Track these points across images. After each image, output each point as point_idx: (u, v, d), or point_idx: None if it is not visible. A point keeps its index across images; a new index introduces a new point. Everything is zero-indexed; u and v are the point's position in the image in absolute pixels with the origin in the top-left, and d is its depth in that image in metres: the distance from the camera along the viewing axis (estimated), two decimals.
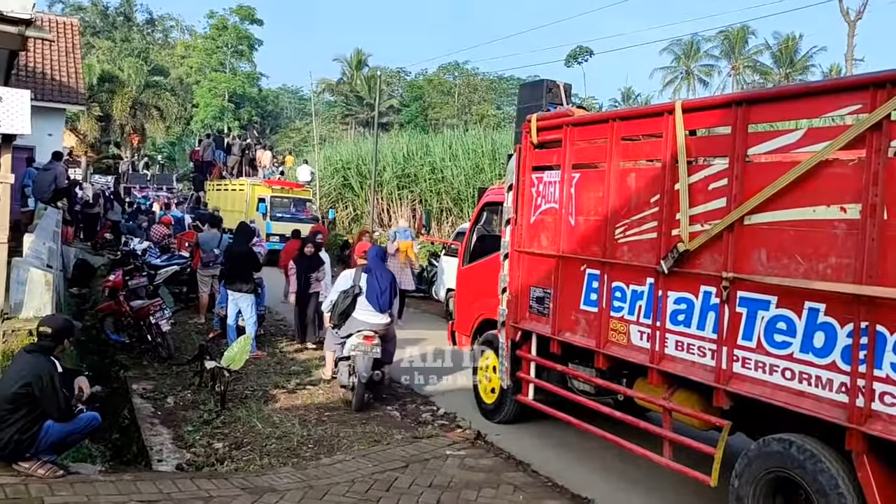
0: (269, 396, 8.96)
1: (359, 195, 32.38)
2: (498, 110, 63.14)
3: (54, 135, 21.84)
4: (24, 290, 8.47)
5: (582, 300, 6.84)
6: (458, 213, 28.37)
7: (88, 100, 33.07)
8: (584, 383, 7.28)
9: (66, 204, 17.94)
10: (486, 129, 36.09)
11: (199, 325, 12.95)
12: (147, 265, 13.51)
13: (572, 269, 6.98)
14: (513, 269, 7.81)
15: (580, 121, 7.11)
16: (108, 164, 48.84)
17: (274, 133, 69.32)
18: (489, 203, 9.62)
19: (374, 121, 33.82)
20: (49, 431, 5.57)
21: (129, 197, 35.30)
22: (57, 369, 5.66)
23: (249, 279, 10.87)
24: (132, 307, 10.90)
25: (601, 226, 6.61)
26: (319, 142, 39.79)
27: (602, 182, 6.63)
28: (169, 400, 8.69)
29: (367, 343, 8.61)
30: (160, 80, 52.83)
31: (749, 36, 53.65)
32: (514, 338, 7.79)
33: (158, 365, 10.24)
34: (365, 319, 8.78)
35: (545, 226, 7.42)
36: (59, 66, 22.94)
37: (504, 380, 7.94)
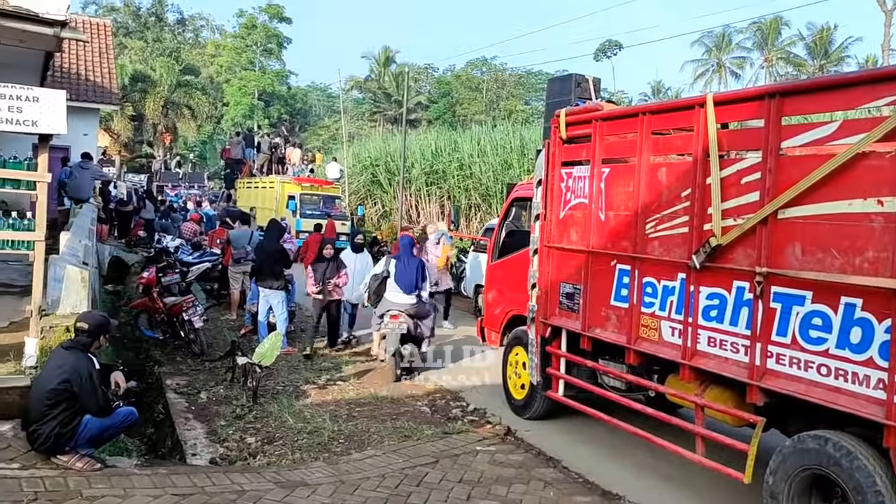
0: (300, 392, 9.04)
1: (387, 192, 32.49)
2: (526, 105, 62.98)
3: (89, 134, 22.19)
4: (60, 287, 8.62)
5: (612, 296, 6.80)
6: (487, 209, 28.34)
7: (121, 99, 33.58)
8: (615, 379, 7.24)
9: (101, 202, 18.26)
10: (514, 125, 35.95)
11: (230, 321, 13.09)
12: (179, 262, 13.68)
13: (602, 264, 6.94)
14: (542, 264, 7.79)
15: (610, 115, 7.06)
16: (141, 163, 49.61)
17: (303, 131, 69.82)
18: (518, 199, 9.61)
19: (402, 117, 33.89)
20: (88, 426, 5.68)
21: (162, 195, 35.77)
22: (94, 365, 5.76)
23: (280, 276, 10.98)
24: (165, 304, 11.05)
25: (631, 221, 6.56)
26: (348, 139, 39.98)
27: (632, 177, 6.58)
28: (202, 395, 8.80)
29: (394, 321, 9.84)
30: (191, 80, 53.50)
31: (782, 27, 52.89)
32: (544, 334, 7.76)
33: (191, 361, 10.38)
34: (393, 300, 10.02)
35: (575, 221, 7.38)
36: (92, 66, 23.30)
37: (534, 376, 7.93)
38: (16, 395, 6.13)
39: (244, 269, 13.33)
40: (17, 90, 6.88)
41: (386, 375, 9.77)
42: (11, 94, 6.84)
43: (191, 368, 10.03)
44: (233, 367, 9.32)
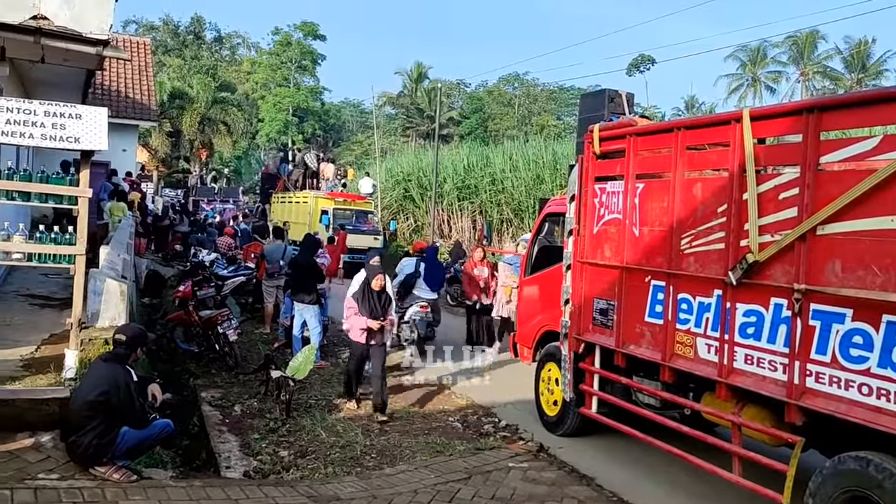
0: (333, 406, 9.07)
1: (419, 206, 32.60)
2: (558, 121, 62.85)
3: (128, 150, 22.69)
4: (100, 300, 8.76)
5: (647, 312, 6.73)
6: (519, 224, 28.30)
7: (160, 116, 34.25)
8: (650, 396, 7.16)
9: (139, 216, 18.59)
10: (546, 140, 35.99)
11: (264, 334, 13.19)
12: (215, 276, 13.84)
13: (637, 280, 6.89)
14: (575, 280, 7.75)
15: (644, 130, 7.03)
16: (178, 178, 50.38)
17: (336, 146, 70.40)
18: (551, 214, 9.58)
19: (434, 133, 34.05)
20: (125, 437, 5.74)
21: (198, 210, 36.27)
22: (132, 378, 5.84)
23: (313, 290, 11.04)
24: (201, 317, 11.16)
25: (666, 236, 6.51)
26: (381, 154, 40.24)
27: (667, 192, 6.53)
28: (236, 408, 8.87)
29: (423, 311, 12.24)
30: (227, 96, 54.29)
31: (818, 41, 52.17)
32: (577, 350, 7.71)
33: (226, 374, 10.47)
34: (421, 295, 12.55)
35: (608, 236, 7.34)
36: (132, 84, 23.81)
37: (567, 392, 7.87)
38: (55, 407, 6.23)
39: (278, 283, 13.45)
40: (61, 108, 7.05)
41: (417, 391, 9.78)
42: (55, 111, 7.00)
43: (225, 381, 10.12)
44: (266, 381, 9.38)
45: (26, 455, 5.82)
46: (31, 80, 12.01)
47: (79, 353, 7.38)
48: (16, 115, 6.87)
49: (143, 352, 6.34)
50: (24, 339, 8.53)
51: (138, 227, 18.30)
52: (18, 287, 11.75)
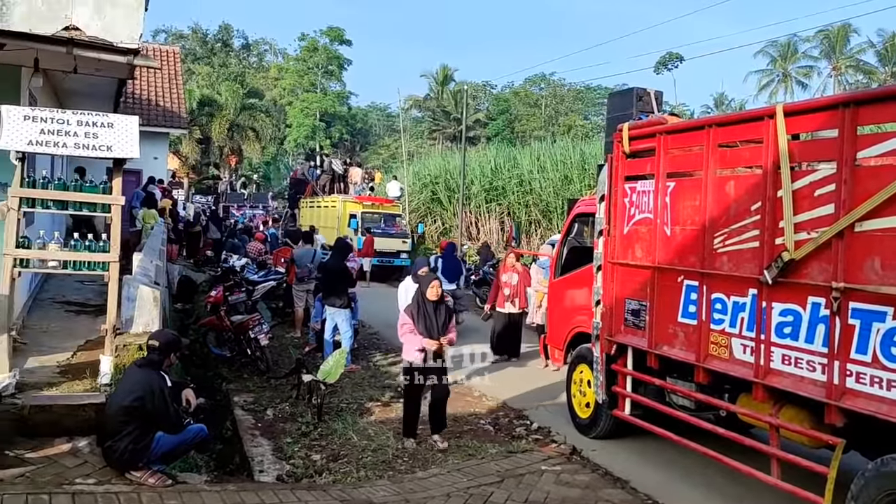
0: (364, 409, 9.08)
1: (447, 209, 32.59)
2: (585, 121, 62.54)
3: (159, 158, 22.98)
4: (133, 306, 8.87)
5: (680, 312, 6.65)
6: (548, 225, 28.16)
7: (190, 123, 34.62)
8: (684, 398, 7.06)
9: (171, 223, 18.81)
10: (573, 140, 35.79)
11: (295, 339, 13.27)
12: (245, 281, 13.94)
13: (669, 280, 6.80)
14: (606, 281, 7.68)
15: (674, 128, 6.94)
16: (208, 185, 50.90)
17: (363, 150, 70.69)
18: (580, 214, 9.51)
19: (461, 135, 34.04)
20: (160, 442, 5.80)
21: (228, 216, 36.60)
22: (167, 383, 5.90)
23: (343, 294, 11.05)
24: (232, 322, 11.25)
25: (699, 235, 6.42)
26: (408, 157, 40.31)
27: (699, 190, 6.45)
28: (268, 412, 8.92)
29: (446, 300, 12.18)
30: (255, 103, 54.80)
31: (851, 34, 51.28)
32: (609, 351, 7.64)
33: (258, 378, 10.53)
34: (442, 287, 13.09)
35: (639, 236, 7.26)
36: (162, 92, 24.13)
37: (599, 394, 7.80)
38: (92, 412, 6.32)
39: (308, 287, 13.51)
40: (93, 117, 7.15)
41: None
42: (87, 120, 7.11)
43: (257, 386, 10.18)
44: (298, 385, 9.43)
45: (64, 460, 5.90)
46: (65, 90, 12.21)
47: (114, 359, 7.47)
48: (50, 125, 6.98)
49: (176, 357, 6.40)
50: (61, 345, 8.65)
51: (170, 233, 18.50)
52: (55, 294, 11.94)
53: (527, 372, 10.96)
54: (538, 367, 10.84)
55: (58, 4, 6.99)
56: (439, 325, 7.62)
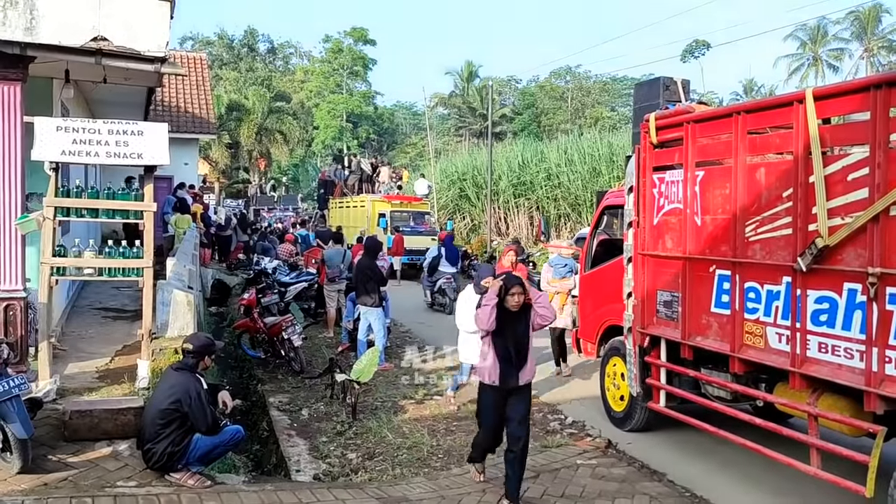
0: (398, 407, 9.12)
1: (475, 205, 32.60)
2: (612, 112, 62.14)
3: (189, 164, 23.25)
4: (168, 310, 9.02)
5: (713, 302, 6.58)
6: (577, 219, 28.05)
7: (218, 129, 35.04)
8: (719, 389, 6.98)
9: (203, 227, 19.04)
10: (601, 132, 35.54)
11: (327, 339, 13.35)
12: (277, 283, 14.05)
13: (701, 270, 6.73)
14: (637, 272, 7.62)
15: (702, 117, 6.86)
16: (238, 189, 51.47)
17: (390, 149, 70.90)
18: (609, 206, 9.44)
19: (487, 131, 33.98)
20: (198, 444, 5.88)
21: (259, 219, 36.93)
22: (202, 385, 5.97)
23: (374, 293, 11.09)
24: (266, 324, 11.36)
25: (730, 224, 6.34)
26: (435, 155, 40.35)
27: (728, 179, 6.37)
28: (303, 412, 8.99)
29: (449, 281, 17.10)
30: (282, 106, 55.25)
31: (882, 14, 50.22)
32: (642, 343, 7.58)
33: (292, 378, 10.62)
34: (445, 270, 17.24)
35: (669, 227, 7.19)
36: (191, 98, 24.42)
37: (633, 387, 7.74)
38: (131, 416, 6.42)
39: (339, 287, 13.59)
40: (123, 125, 7.26)
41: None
42: (118, 129, 7.23)
43: (292, 386, 10.27)
44: (332, 384, 9.49)
45: (105, 464, 6.01)
46: (95, 100, 12.42)
47: (150, 363, 7.60)
48: (81, 135, 7.11)
49: (211, 360, 6.47)
50: (99, 350, 8.82)
51: (202, 237, 18.73)
52: (92, 301, 12.17)
53: (559, 366, 10.90)
54: (571, 361, 10.77)
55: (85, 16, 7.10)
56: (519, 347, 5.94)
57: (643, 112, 8.20)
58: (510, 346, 5.93)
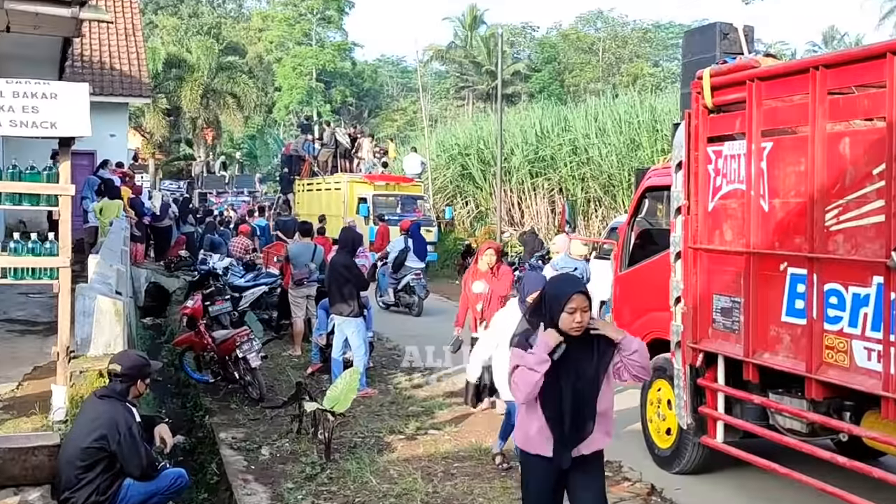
0: (384, 445, 9.13)
1: (482, 187, 32.61)
2: (655, 68, 62.22)
3: (117, 135, 23.21)
4: (91, 322, 8.99)
5: (784, 310, 6.59)
6: (611, 204, 28.08)
7: (153, 91, 34.97)
8: (792, 419, 6.99)
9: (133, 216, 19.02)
10: (641, 93, 35.52)
11: (294, 358, 13.35)
12: (229, 287, 14.05)
13: (768, 268, 6.74)
14: (688, 272, 7.63)
15: (770, 73, 6.87)
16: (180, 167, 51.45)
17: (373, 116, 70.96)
18: (651, 188, 9.45)
19: (496, 92, 33.98)
20: (129, 492, 5.88)
21: (206, 206, 36.92)
22: (135, 417, 5.98)
23: (351, 299, 11.07)
24: (215, 339, 11.34)
25: (805, 210, 6.34)
26: (430, 123, 40.35)
27: (804, 152, 6.37)
28: (263, 451, 9.00)
29: (418, 277, 18.63)
30: (235, 61, 55.21)
31: None
32: (694, 362, 7.59)
33: (249, 408, 10.62)
34: (412, 265, 18.76)
35: (728, 213, 7.21)
36: (118, 52, 24.37)
37: (683, 417, 7.75)
38: (44, 456, 6.40)
39: (308, 291, 13.58)
40: (32, 86, 7.22)
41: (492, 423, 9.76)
42: (26, 90, 7.18)
43: (248, 418, 10.27)
44: (300, 416, 9.49)
45: None
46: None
47: (69, 390, 7.58)
48: None
49: (146, 385, 6.48)
50: (4, 374, 8.80)
51: (133, 229, 18.72)
52: None
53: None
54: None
55: None
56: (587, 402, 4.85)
57: (695, 68, 8.19)
58: (567, 398, 4.76)
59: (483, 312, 10.30)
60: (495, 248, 10.29)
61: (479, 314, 10.43)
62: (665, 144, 24.41)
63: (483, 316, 10.29)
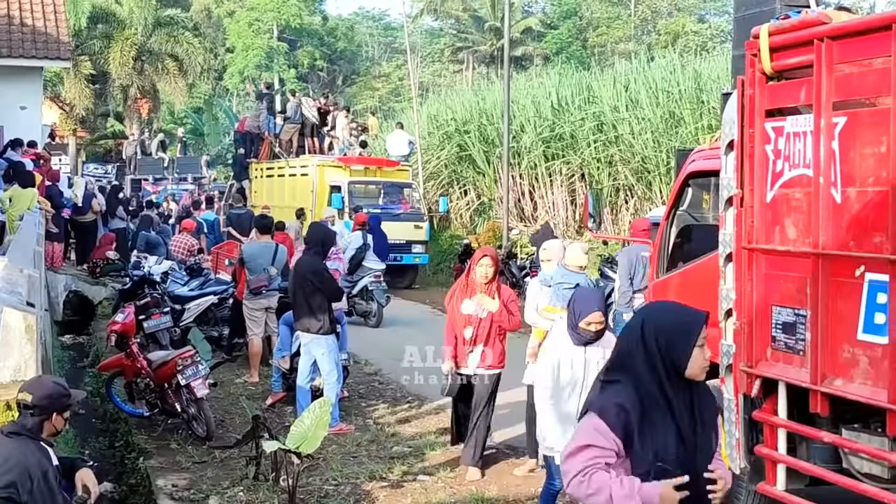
0: (362, 494, 9.14)
1: (484, 173, 32.58)
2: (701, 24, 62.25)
3: (29, 107, 23.16)
4: None
5: (861, 325, 6.59)
6: (645, 194, 28.08)
7: (75, 52, 34.91)
8: (871, 461, 7.00)
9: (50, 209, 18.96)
10: (682, 56, 35.54)
11: (250, 385, 13.34)
12: (169, 297, 14.03)
13: (842, 273, 6.74)
14: (741, 278, 7.63)
15: (842, 31, 6.87)
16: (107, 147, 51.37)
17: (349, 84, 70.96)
18: (695, 174, 9.47)
19: (503, 54, 33.98)
20: None
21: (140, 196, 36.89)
22: (52, 461, 5.96)
23: (322, 313, 11.03)
24: (151, 362, 11.30)
25: (887, 201, 6.35)
26: (420, 93, 40.35)
27: (886, 129, 6.37)
28: (211, 501, 9.00)
29: (377, 280, 19.28)
30: (176, 16, 55.04)
31: None
32: (749, 391, 7.59)
33: (194, 449, 10.60)
34: (371, 266, 19.47)
35: (791, 206, 7.21)
36: (30, 6, 24.30)
37: (735, 459, 7.76)
38: None
39: (267, 303, 13.55)
40: None
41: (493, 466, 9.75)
42: None
43: (193, 461, 10.26)
44: (257, 458, 9.49)
45: None
46: None
47: None
48: None
49: (64, 419, 6.45)
50: None
51: (50, 225, 18.68)
52: None
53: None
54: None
55: None
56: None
57: (750, 24, 8.21)
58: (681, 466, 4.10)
59: (474, 341, 9.58)
60: (492, 256, 9.67)
61: (467, 342, 9.61)
62: (713, 119, 24.42)
63: (474, 344, 9.58)
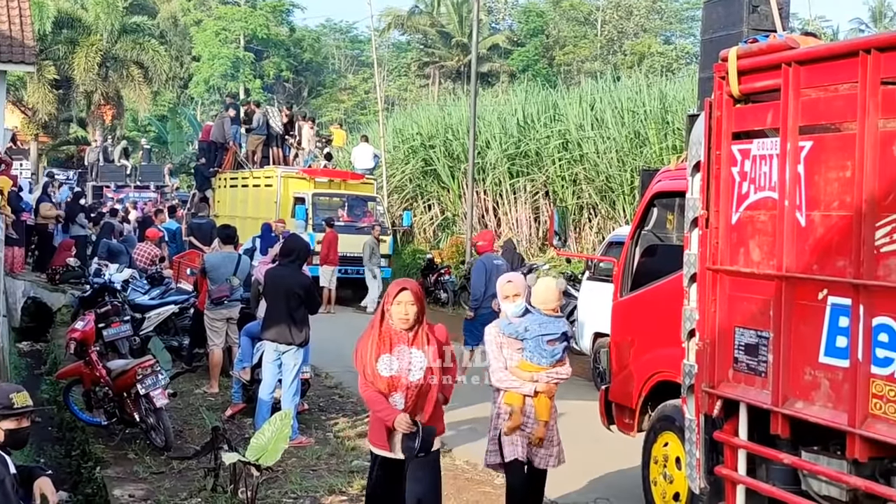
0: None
1: (448, 188, 32.65)
2: (667, 45, 62.69)
3: None
4: None
5: (822, 348, 6.63)
6: (609, 213, 28.21)
7: (38, 56, 34.64)
8: (830, 484, 7.05)
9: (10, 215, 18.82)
10: (648, 76, 35.79)
11: (210, 396, 13.27)
12: (130, 305, 13.94)
13: (805, 296, 6.79)
14: (704, 298, 7.67)
15: (810, 56, 6.94)
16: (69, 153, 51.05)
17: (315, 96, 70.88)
18: (661, 194, 9.53)
19: (469, 70, 34.10)
20: None
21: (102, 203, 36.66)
22: (9, 469, 5.90)
23: (305, 324, 10.98)
24: (109, 370, 11.24)
25: (852, 225, 6.41)
26: (385, 106, 40.39)
27: (850, 154, 6.43)
28: None
29: None
30: (143, 23, 54.78)
31: None
32: (710, 411, 7.63)
33: (151, 459, 10.54)
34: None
35: (757, 228, 7.26)
36: None
37: (695, 479, 7.79)
38: None
39: (229, 313, 13.50)
40: None
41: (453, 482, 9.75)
42: None
43: (151, 471, 10.19)
44: (216, 469, 9.44)
45: None
46: None
47: None
48: None
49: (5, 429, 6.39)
50: None
51: (9, 230, 18.53)
52: None
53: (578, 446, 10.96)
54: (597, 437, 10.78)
55: None
56: None
57: (717, 47, 8.29)
58: None
59: (414, 404, 6.81)
60: (413, 290, 6.94)
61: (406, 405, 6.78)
62: (678, 140, 24.60)
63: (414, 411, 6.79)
